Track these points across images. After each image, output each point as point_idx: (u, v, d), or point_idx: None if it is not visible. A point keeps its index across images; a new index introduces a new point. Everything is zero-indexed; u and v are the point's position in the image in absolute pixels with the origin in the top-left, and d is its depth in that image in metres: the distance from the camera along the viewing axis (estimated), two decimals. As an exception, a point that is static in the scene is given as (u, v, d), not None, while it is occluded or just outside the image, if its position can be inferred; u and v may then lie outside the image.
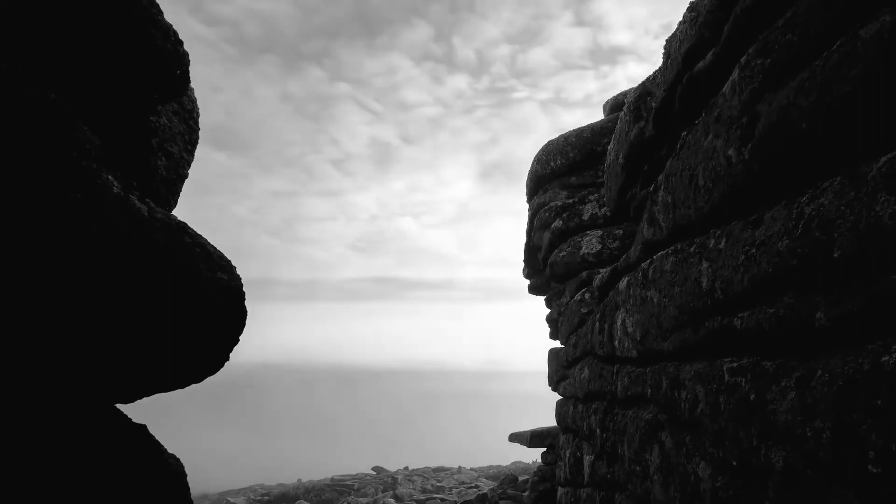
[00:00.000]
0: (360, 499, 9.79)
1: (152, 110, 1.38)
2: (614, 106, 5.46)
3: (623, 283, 3.31)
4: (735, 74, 1.92)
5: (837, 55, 1.41)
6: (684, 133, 2.43)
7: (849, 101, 1.38)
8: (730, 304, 1.93)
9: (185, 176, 1.68)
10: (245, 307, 1.48)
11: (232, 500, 16.03)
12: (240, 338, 1.51)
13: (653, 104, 2.86)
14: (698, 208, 2.21)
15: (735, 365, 1.87)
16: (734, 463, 1.83)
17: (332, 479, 14.86)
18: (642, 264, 2.95)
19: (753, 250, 1.76)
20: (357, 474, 16.46)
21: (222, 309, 1.37)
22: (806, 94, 1.53)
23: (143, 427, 1.49)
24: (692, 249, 2.27)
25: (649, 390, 2.77)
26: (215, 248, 1.42)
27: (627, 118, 3.15)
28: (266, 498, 14.77)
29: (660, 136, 2.86)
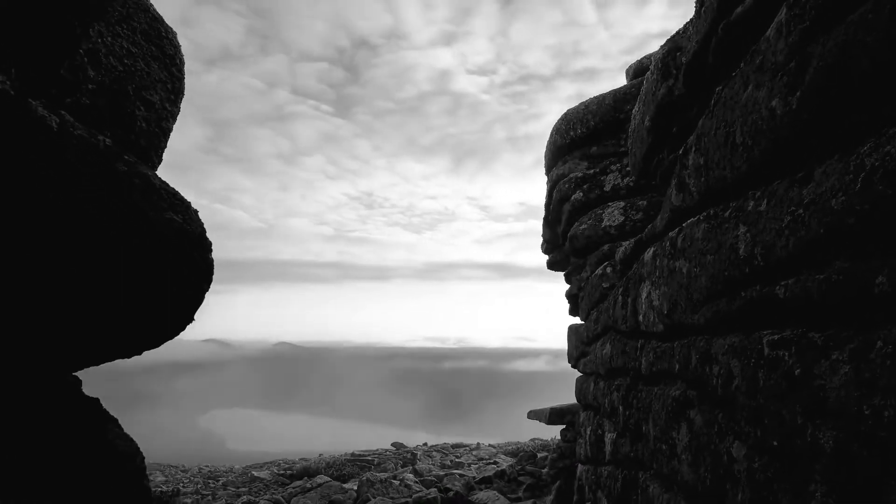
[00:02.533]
0: (380, 473, 9.89)
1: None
2: (638, 71, 5.19)
3: (648, 255, 3.14)
4: (782, 14, 1.72)
5: (911, -23, 1.22)
6: (719, 88, 2.23)
7: (925, 30, 1.19)
8: (771, 272, 1.76)
9: (168, 130, 1.52)
10: (210, 258, 1.30)
11: (256, 474, 16.39)
12: (205, 295, 1.35)
13: (683, 59, 2.64)
14: (735, 168, 2.02)
15: (776, 337, 1.71)
16: (774, 443, 1.68)
17: (352, 455, 15.07)
18: (670, 233, 2.78)
19: (801, 210, 1.59)
20: (377, 450, 16.68)
21: (175, 257, 1.20)
22: (870, 28, 1.33)
23: (95, 401, 1.34)
24: (727, 214, 2.09)
25: (677, 366, 2.63)
26: (166, 184, 1.21)
27: (655, 77, 2.93)
28: (289, 472, 15.06)
29: (691, 95, 2.65)
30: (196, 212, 1.29)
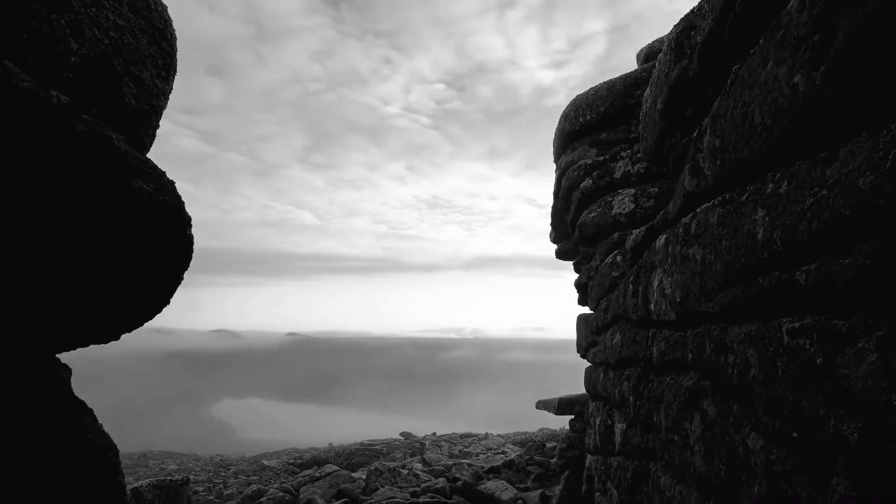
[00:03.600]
0: (389, 463, 9.92)
1: None
2: (649, 54, 5.07)
3: (660, 242, 3.06)
4: (805, -16, 1.62)
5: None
6: (736, 67, 2.14)
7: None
8: (791, 257, 1.69)
9: (160, 108, 1.45)
10: (189, 234, 1.22)
11: (267, 463, 16.58)
12: (183, 274, 1.27)
13: (697, 39, 2.55)
14: (753, 150, 1.94)
15: (797, 325, 1.64)
16: (794, 434, 1.62)
17: (361, 444, 15.17)
18: (683, 219, 2.70)
19: (825, 192, 1.51)
20: (386, 439, 16.79)
21: (143, 229, 1.08)
22: (902, -6, 1.25)
23: (63, 384, 1.24)
24: (744, 198, 2.01)
25: (690, 355, 2.56)
26: (134, 151, 1.07)
27: (668, 57, 2.84)
28: (299, 461, 15.21)
29: (706, 75, 2.56)
30: (171, 183, 1.19)
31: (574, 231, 5.93)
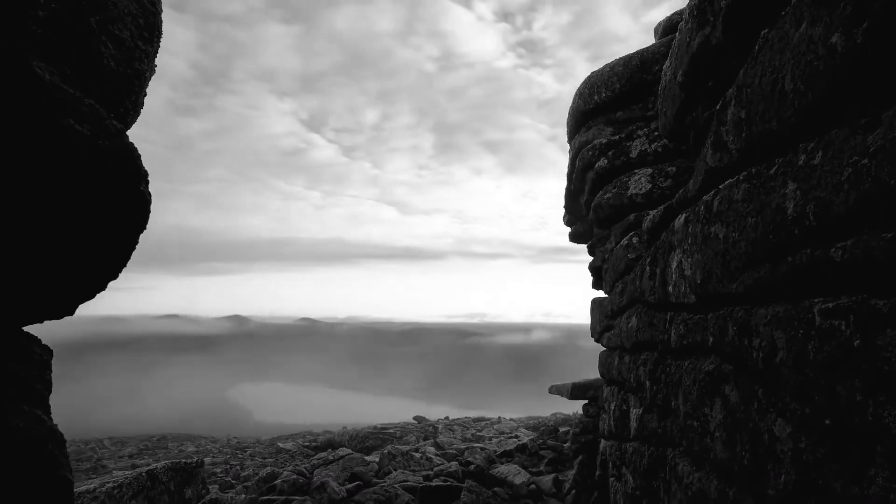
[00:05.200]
0: (402, 446, 9.97)
1: None
2: (667, 28, 4.88)
3: (679, 221, 2.94)
4: (847, -67, 1.49)
5: None
6: (765, 31, 2.00)
7: None
8: (825, 233, 1.57)
9: (142, 72, 1.35)
10: (144, 191, 1.10)
11: (282, 445, 16.80)
12: (137, 238, 1.14)
13: (722, 4, 2.40)
14: (783, 120, 1.81)
15: (831, 305, 1.53)
16: (826, 422, 1.52)
17: (375, 428, 15.28)
18: (704, 197, 2.57)
19: (865, 160, 1.39)
20: (399, 423, 16.90)
21: (76, 178, 0.91)
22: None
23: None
24: (772, 171, 1.89)
25: (711, 338, 2.45)
26: (65, 88, 0.91)
27: (689, 26, 2.69)
28: (314, 444, 15.39)
29: (730, 43, 2.41)
30: (119, 128, 1.06)
31: (588, 213, 5.79)
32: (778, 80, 1.83)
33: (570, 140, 6.05)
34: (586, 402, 7.50)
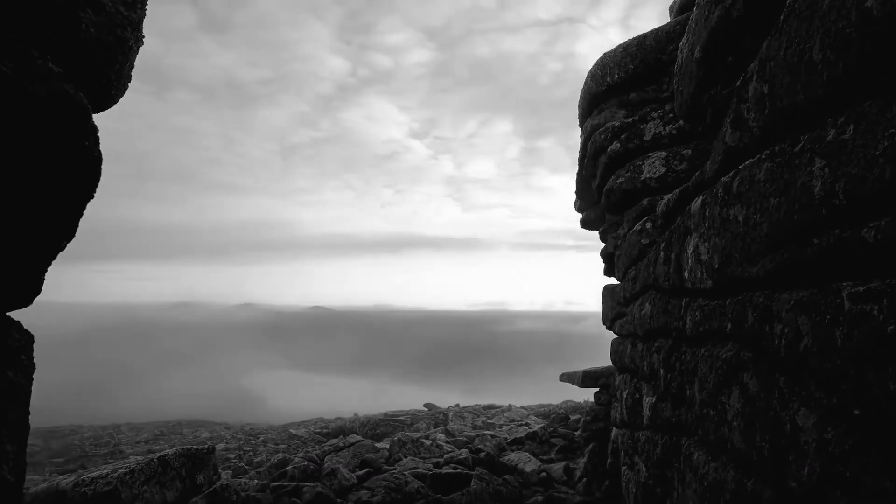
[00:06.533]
0: (412, 433, 10.00)
1: None
2: (683, 6, 4.72)
3: (696, 204, 2.84)
4: None
5: None
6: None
7: None
8: (856, 212, 1.48)
9: (126, 41, 1.27)
10: (90, 147, 0.98)
11: (294, 432, 16.99)
12: (84, 203, 1.02)
13: (744, -27, 2.28)
14: (810, 93, 1.71)
15: (861, 289, 1.44)
16: (855, 412, 1.44)
17: (386, 415, 15.37)
18: (723, 178, 2.47)
19: (902, 133, 1.29)
20: (410, 410, 16.99)
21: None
22: None
23: None
24: (797, 148, 1.79)
25: (729, 325, 2.37)
26: None
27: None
28: (325, 430, 15.53)
29: (752, 15, 2.30)
30: (57, 74, 0.93)
31: (600, 198, 5.68)
32: (805, 51, 1.72)
33: (581, 124, 5.92)
34: (597, 389, 7.43)
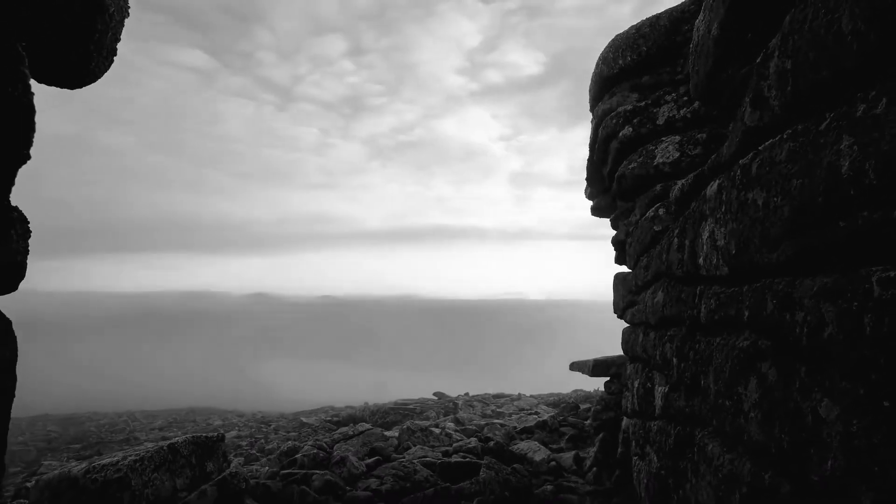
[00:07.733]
0: (421, 422, 10.01)
1: None
2: (699, -16, 4.56)
3: (712, 188, 2.74)
4: None
5: None
6: (817, -31, 1.78)
7: None
8: (887, 192, 1.39)
9: (105, 7, 1.21)
10: (18, 97, 0.90)
11: (305, 420, 17.12)
12: (22, 157, 0.92)
13: (766, -57, 2.16)
14: (839, 67, 1.61)
15: (892, 274, 1.36)
16: (885, 403, 1.36)
17: (395, 403, 15.43)
18: (741, 160, 2.37)
19: (942, 105, 1.20)
20: (419, 399, 17.04)
21: None
22: None
23: None
24: (823, 126, 1.69)
25: (746, 313, 2.28)
26: None
27: (727, -28, 2.45)
28: (335, 418, 15.63)
29: (774, -12, 2.19)
30: None
31: (611, 185, 5.57)
32: (833, 22, 1.62)
33: (592, 108, 5.79)
34: (608, 378, 7.36)
